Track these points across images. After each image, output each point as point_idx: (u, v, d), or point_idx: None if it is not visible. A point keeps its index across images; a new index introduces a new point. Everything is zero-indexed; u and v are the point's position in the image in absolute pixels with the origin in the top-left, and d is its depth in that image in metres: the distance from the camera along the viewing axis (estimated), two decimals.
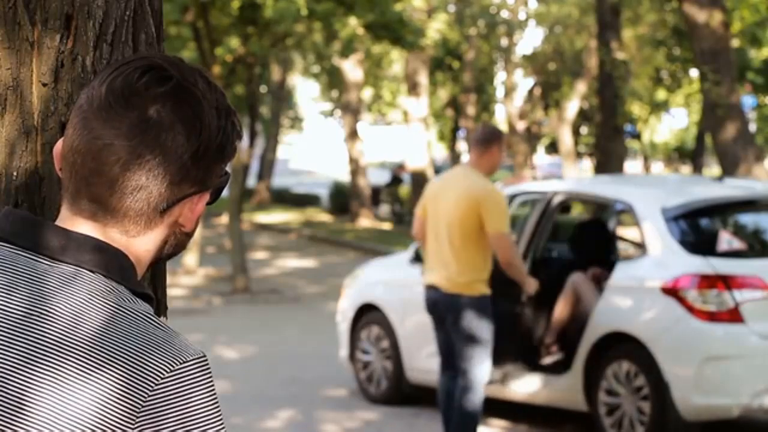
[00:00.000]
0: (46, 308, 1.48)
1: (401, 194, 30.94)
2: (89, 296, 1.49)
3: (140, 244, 1.57)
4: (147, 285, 1.75)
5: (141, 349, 1.46)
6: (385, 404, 9.32)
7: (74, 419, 1.42)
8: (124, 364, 1.44)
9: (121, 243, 1.55)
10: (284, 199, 35.81)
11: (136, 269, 1.57)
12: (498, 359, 8.14)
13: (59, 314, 1.48)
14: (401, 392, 9.35)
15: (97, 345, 1.45)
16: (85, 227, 1.54)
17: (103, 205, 1.53)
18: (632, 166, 40.87)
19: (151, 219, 1.55)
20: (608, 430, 7.78)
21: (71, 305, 1.48)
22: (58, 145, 1.60)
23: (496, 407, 8.94)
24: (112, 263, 1.53)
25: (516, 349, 8.10)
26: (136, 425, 1.43)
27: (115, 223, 1.54)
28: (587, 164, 38.64)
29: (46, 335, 1.46)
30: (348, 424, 8.64)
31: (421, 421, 8.79)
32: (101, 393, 1.43)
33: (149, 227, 1.56)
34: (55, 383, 1.44)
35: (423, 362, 9.11)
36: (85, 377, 1.43)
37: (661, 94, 31.58)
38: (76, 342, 1.45)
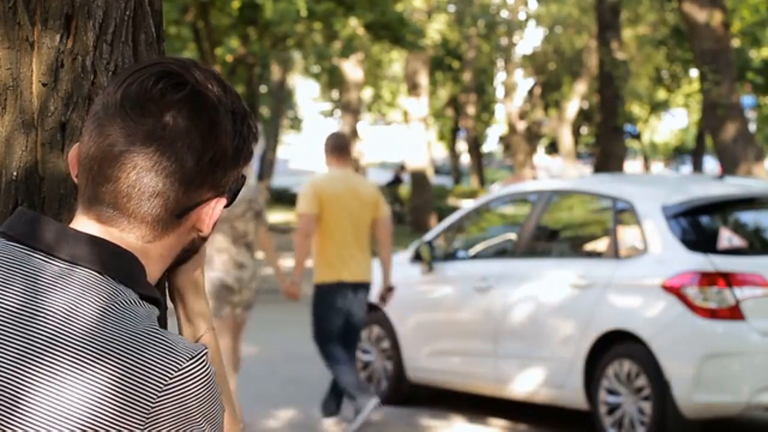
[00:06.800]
0: (40, 304, 1.49)
1: (401, 194, 30.97)
2: (82, 292, 1.50)
3: (157, 248, 1.57)
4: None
5: (137, 346, 1.46)
6: (385, 404, 9.32)
7: (69, 415, 1.43)
8: (118, 360, 1.44)
9: (138, 247, 1.56)
10: (284, 199, 35.82)
11: (148, 272, 1.57)
12: None
13: (52, 310, 1.48)
14: (401, 392, 9.36)
15: (89, 341, 1.46)
16: (99, 231, 1.55)
17: (121, 211, 1.54)
18: (632, 166, 40.87)
19: (168, 224, 1.56)
20: (608, 430, 7.79)
21: (64, 301, 1.49)
22: (74, 151, 1.61)
23: (496, 407, 8.95)
24: (111, 260, 1.53)
25: None
26: (147, 423, 1.44)
27: (132, 228, 1.55)
28: (587, 164, 38.64)
29: (40, 331, 1.47)
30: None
31: (421, 421, 8.79)
32: (95, 389, 1.43)
33: (166, 232, 1.57)
34: (50, 380, 1.44)
35: (423, 362, 9.12)
36: (78, 373, 1.44)
37: (661, 94, 31.61)
38: (69, 338, 1.46)
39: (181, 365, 1.46)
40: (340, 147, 8.24)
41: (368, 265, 8.27)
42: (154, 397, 1.44)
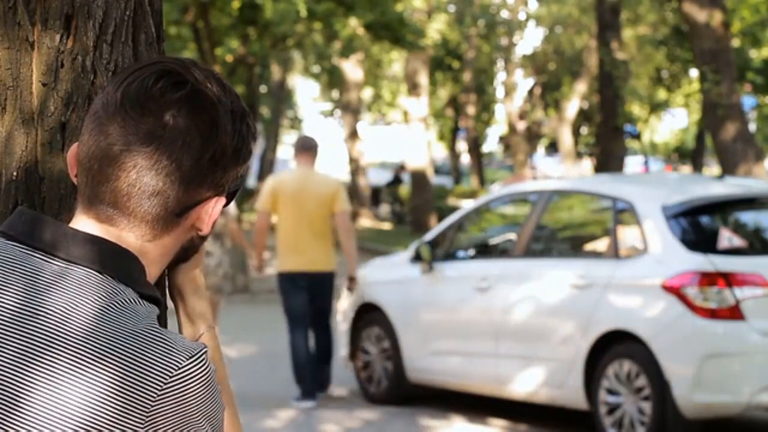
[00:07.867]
0: (39, 304, 1.49)
1: (401, 194, 30.96)
2: (81, 291, 1.50)
3: (156, 247, 1.58)
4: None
5: (136, 345, 1.46)
6: (385, 404, 9.32)
7: (68, 415, 1.43)
8: (117, 360, 1.44)
9: (137, 246, 1.56)
10: None
11: (147, 271, 1.57)
12: None
13: (52, 310, 1.48)
14: (401, 392, 9.36)
15: (88, 340, 1.46)
16: (98, 231, 1.55)
17: (120, 210, 1.54)
18: (632, 165, 40.84)
19: (168, 223, 1.56)
20: (608, 430, 7.79)
21: (63, 300, 1.49)
22: (73, 151, 1.61)
23: (496, 407, 8.95)
24: (110, 259, 1.53)
25: None
26: (146, 422, 1.44)
27: (132, 227, 1.55)
28: (587, 164, 38.64)
29: (39, 331, 1.47)
30: (348, 424, 8.64)
31: (421, 421, 8.79)
32: (94, 388, 1.43)
33: (166, 231, 1.57)
34: (49, 379, 1.44)
35: (423, 362, 9.12)
36: (77, 373, 1.44)
37: (661, 94, 31.58)
38: (68, 337, 1.46)
39: (180, 364, 1.46)
40: (305, 147, 9.19)
41: (326, 255, 9.10)
42: (154, 396, 1.44)
